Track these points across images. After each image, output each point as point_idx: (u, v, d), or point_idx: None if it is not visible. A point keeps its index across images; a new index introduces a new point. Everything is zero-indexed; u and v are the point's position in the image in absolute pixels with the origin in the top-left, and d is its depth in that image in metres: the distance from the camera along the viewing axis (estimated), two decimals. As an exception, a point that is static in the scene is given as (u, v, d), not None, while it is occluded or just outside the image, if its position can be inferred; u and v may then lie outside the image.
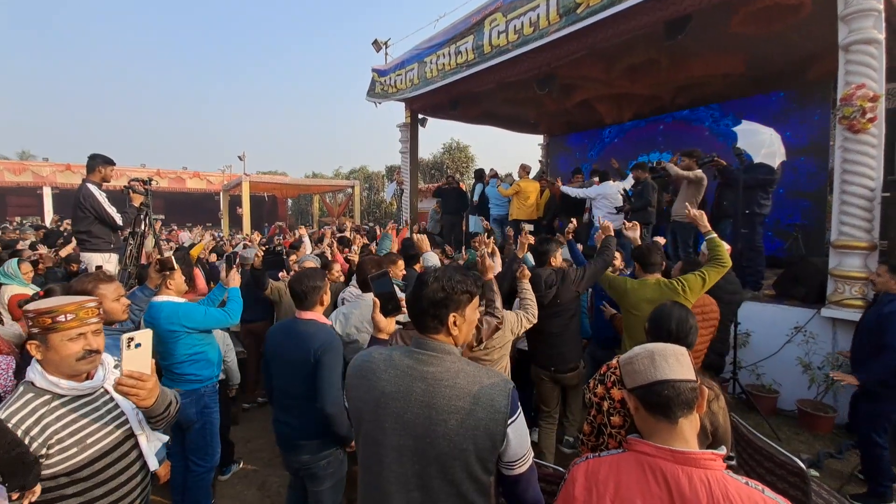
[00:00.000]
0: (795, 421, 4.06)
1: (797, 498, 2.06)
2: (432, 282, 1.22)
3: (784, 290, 4.62)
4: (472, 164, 25.75)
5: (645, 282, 2.93)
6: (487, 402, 1.13)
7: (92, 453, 1.32)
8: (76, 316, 1.31)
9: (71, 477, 1.27)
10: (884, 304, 2.91)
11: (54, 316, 1.28)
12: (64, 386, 1.31)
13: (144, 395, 1.30)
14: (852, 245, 3.83)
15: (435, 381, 1.16)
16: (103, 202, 4.02)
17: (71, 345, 1.30)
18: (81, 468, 1.29)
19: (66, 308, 1.29)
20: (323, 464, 2.07)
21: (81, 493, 1.29)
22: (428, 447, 1.13)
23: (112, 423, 1.39)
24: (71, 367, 1.32)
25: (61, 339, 1.29)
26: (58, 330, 1.28)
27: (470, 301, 1.27)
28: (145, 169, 23.57)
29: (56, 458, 1.25)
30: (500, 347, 2.67)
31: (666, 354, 1.02)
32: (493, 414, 1.12)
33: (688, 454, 0.93)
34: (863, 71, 3.75)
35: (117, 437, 1.39)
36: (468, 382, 1.16)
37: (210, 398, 2.67)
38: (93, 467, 1.31)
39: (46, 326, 1.28)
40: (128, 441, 1.42)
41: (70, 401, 1.33)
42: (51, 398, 1.30)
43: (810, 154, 6.64)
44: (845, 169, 3.87)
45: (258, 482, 3.21)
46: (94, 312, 1.36)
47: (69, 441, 1.28)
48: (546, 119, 9.87)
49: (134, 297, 2.40)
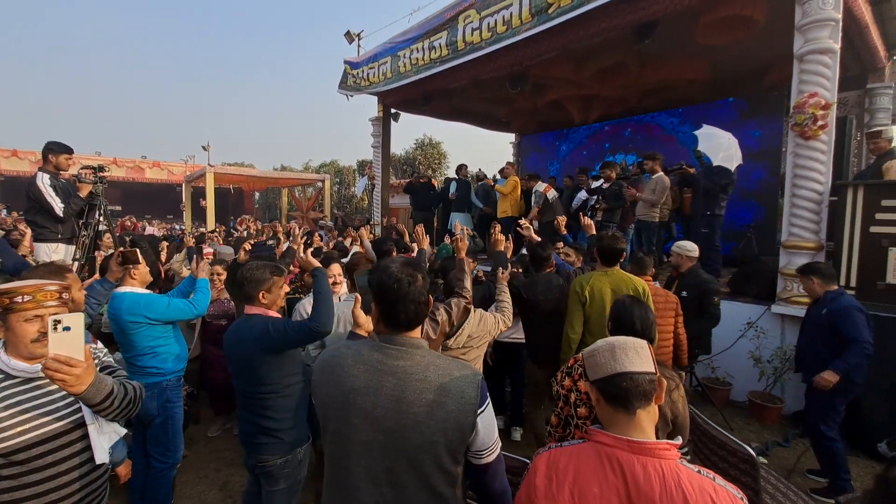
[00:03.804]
0: (746, 412, 4.29)
1: (748, 483, 2.18)
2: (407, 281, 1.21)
3: (738, 288, 4.86)
4: (445, 161, 25.73)
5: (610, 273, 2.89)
6: (458, 394, 1.14)
7: (31, 437, 1.28)
8: (33, 298, 1.33)
9: (7, 458, 1.25)
10: (829, 301, 3.01)
11: (12, 297, 1.31)
12: (14, 366, 1.33)
13: (72, 382, 1.23)
14: (801, 245, 4.07)
15: (405, 374, 1.16)
16: (44, 191, 3.84)
17: (27, 326, 1.32)
18: (17, 451, 1.27)
19: (23, 290, 1.32)
20: (279, 463, 2.03)
21: (15, 476, 1.27)
22: (398, 441, 1.13)
23: (62, 409, 1.36)
24: (26, 347, 1.33)
25: (18, 319, 1.32)
26: (14, 311, 1.31)
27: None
28: (100, 157, 22.38)
29: None
30: (477, 347, 2.69)
31: (626, 347, 1.06)
32: (462, 405, 1.14)
33: (644, 444, 0.97)
34: (816, 80, 3.95)
35: (65, 425, 1.36)
36: (438, 375, 1.16)
37: (173, 392, 2.57)
38: (30, 452, 1.28)
39: (5, 306, 1.31)
40: (77, 430, 1.38)
41: (21, 382, 1.33)
42: (3, 378, 1.32)
43: (764, 158, 7.01)
44: (796, 174, 4.09)
45: (220, 482, 3.13)
46: (52, 296, 1.37)
47: (8, 422, 1.26)
48: (517, 117, 9.99)
49: (92, 289, 2.29)
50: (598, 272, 2.91)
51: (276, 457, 2.02)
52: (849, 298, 3.02)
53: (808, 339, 3.21)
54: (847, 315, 2.90)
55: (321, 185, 20.12)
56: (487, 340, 2.77)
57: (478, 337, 2.67)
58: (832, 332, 2.95)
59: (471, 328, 2.64)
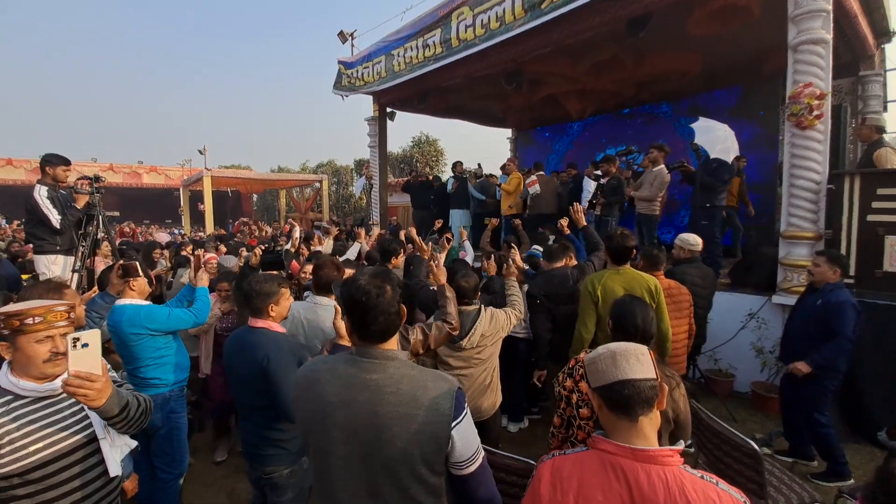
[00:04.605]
0: (749, 402, 4.30)
1: (752, 478, 2.20)
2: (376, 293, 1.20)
3: (738, 279, 4.87)
4: (442, 158, 25.67)
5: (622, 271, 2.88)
6: (431, 407, 1.14)
7: (46, 455, 1.30)
8: (44, 319, 1.34)
9: (23, 478, 1.26)
10: (826, 293, 3.02)
11: (22, 318, 1.31)
12: (23, 386, 1.33)
13: (94, 396, 1.29)
14: (800, 235, 4.07)
15: (378, 388, 1.16)
16: (41, 203, 3.85)
17: (38, 347, 1.33)
18: (33, 469, 1.28)
19: (34, 311, 1.33)
20: (286, 473, 2.02)
21: (32, 494, 1.28)
22: (375, 454, 1.14)
23: (74, 426, 1.38)
24: (38, 368, 1.34)
25: (28, 340, 1.33)
26: (25, 332, 1.32)
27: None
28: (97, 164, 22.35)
29: (7, 459, 1.24)
30: (491, 345, 2.71)
31: (628, 355, 1.06)
32: (436, 417, 1.13)
33: (647, 452, 0.97)
34: (810, 70, 3.95)
35: (78, 441, 1.38)
36: (412, 387, 1.16)
37: (176, 402, 2.58)
38: (45, 469, 1.30)
39: (15, 328, 1.31)
40: (90, 445, 1.41)
41: (31, 402, 1.34)
42: (12, 399, 1.32)
43: (761, 148, 7.00)
44: (793, 164, 4.09)
45: (226, 489, 3.14)
46: (62, 316, 1.39)
47: (22, 442, 1.27)
48: (513, 113, 9.97)
49: (93, 304, 2.29)
50: (609, 271, 2.91)
51: (283, 467, 2.01)
52: (846, 294, 3.03)
53: (798, 327, 3.23)
54: (841, 311, 2.93)
55: (319, 185, 20.08)
56: (501, 337, 2.78)
57: (491, 335, 2.69)
58: (824, 323, 2.98)
59: (483, 327, 2.65)
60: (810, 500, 2.30)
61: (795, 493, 2.32)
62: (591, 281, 2.88)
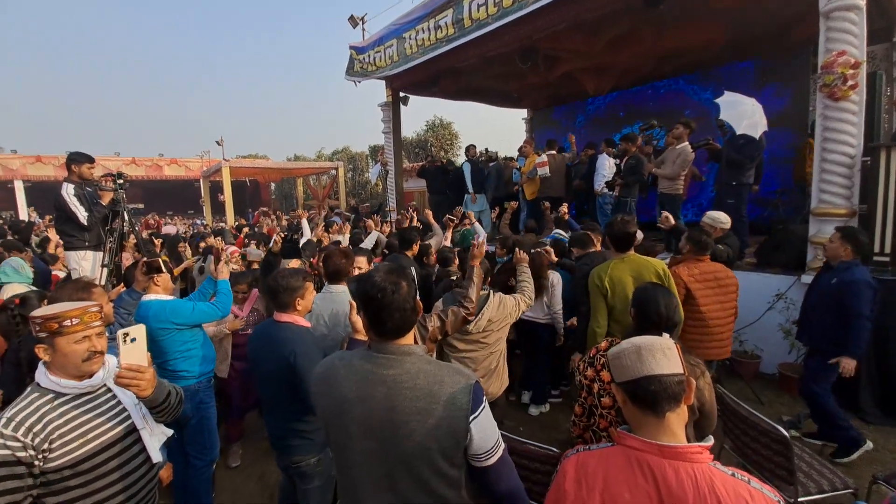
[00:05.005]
0: (776, 384, 4.21)
1: (781, 464, 2.16)
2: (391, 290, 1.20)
3: (765, 258, 4.72)
4: (457, 141, 25.41)
5: (627, 258, 2.81)
6: (449, 401, 1.14)
7: (93, 447, 1.37)
8: (81, 320, 1.39)
9: (74, 469, 1.33)
10: (841, 272, 2.94)
11: (60, 321, 1.36)
12: (64, 385, 1.38)
13: (144, 386, 1.41)
14: (832, 212, 3.90)
15: (395, 383, 1.17)
16: (68, 201, 3.98)
17: (77, 347, 1.38)
18: (83, 461, 1.35)
19: (71, 313, 1.37)
20: (313, 462, 2.07)
21: (84, 484, 1.35)
22: (393, 449, 1.15)
23: (114, 418, 1.45)
24: (77, 367, 1.39)
25: (68, 342, 1.37)
26: (64, 334, 1.36)
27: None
28: (120, 157, 22.83)
29: (58, 452, 1.31)
30: (498, 331, 2.71)
31: (653, 349, 1.03)
32: (454, 412, 1.14)
33: (675, 449, 0.95)
34: (844, 38, 3.73)
35: (119, 432, 1.45)
36: (428, 382, 1.16)
37: (205, 394, 2.67)
38: (94, 460, 1.37)
39: (53, 331, 1.35)
40: (130, 436, 1.48)
41: (72, 399, 1.40)
42: (54, 397, 1.38)
43: (790, 121, 6.68)
44: (825, 137, 3.90)
45: (257, 475, 3.25)
46: (97, 316, 1.44)
47: (71, 436, 1.34)
48: (529, 93, 9.74)
49: (121, 300, 2.35)
50: (614, 260, 2.82)
51: (310, 456, 2.06)
52: (861, 271, 2.92)
53: (813, 306, 3.16)
54: (856, 289, 2.84)
55: (335, 172, 20.18)
56: (509, 323, 2.77)
57: (498, 321, 2.68)
58: (839, 302, 2.90)
59: (490, 313, 2.64)
60: (842, 485, 2.25)
61: (826, 479, 2.27)
62: (597, 273, 2.79)
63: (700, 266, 3.14)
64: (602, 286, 2.74)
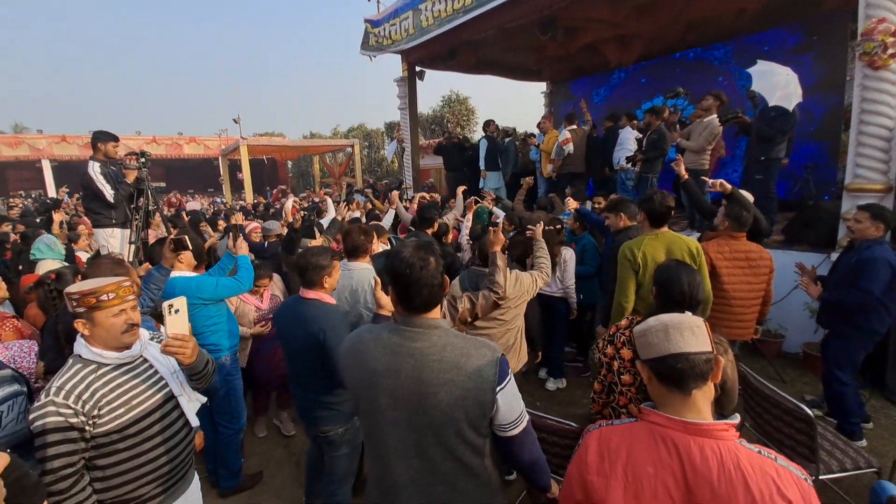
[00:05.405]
0: (800, 363, 4.15)
1: (803, 442, 2.14)
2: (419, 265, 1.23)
3: (794, 235, 4.57)
4: (473, 117, 24.99)
5: (660, 235, 2.73)
6: (475, 373, 1.17)
7: (138, 413, 1.45)
8: (117, 294, 1.44)
9: (122, 434, 1.42)
10: (862, 250, 2.86)
11: (98, 296, 1.41)
12: (107, 356, 1.45)
13: (189, 354, 1.50)
14: (867, 188, 3.74)
15: (423, 356, 1.20)
16: (95, 179, 4.05)
17: (115, 320, 1.44)
18: (130, 426, 1.44)
19: (107, 288, 1.43)
20: (340, 431, 2.14)
21: (131, 447, 1.44)
22: (421, 419, 1.19)
23: (154, 386, 1.53)
24: (117, 339, 1.46)
25: (106, 315, 1.43)
26: (102, 308, 1.42)
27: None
28: (141, 136, 23.19)
29: (107, 418, 1.40)
30: (515, 307, 2.71)
31: (681, 327, 1.01)
32: (480, 383, 1.17)
33: (700, 425, 0.94)
34: (885, 3, 3.53)
35: (159, 399, 1.53)
36: (455, 355, 1.19)
37: (231, 366, 2.78)
38: (139, 425, 1.46)
39: (91, 306, 1.41)
40: (169, 402, 1.56)
41: (114, 369, 1.47)
42: (97, 367, 1.44)
43: (824, 91, 6.34)
44: (863, 108, 3.71)
45: (284, 441, 3.38)
46: (130, 290, 1.50)
47: (117, 402, 1.42)
48: (549, 65, 9.44)
49: (150, 276, 2.42)
50: (648, 235, 2.74)
51: (338, 426, 2.14)
52: (884, 250, 2.81)
53: (834, 286, 3.05)
54: (873, 267, 2.76)
55: (351, 150, 20.13)
56: (526, 300, 2.77)
57: (515, 297, 2.68)
58: (855, 280, 2.83)
59: (507, 290, 2.64)
60: (865, 464, 2.23)
61: (850, 458, 2.25)
62: (630, 248, 2.72)
63: (732, 244, 3.03)
64: (634, 261, 2.68)
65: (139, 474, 1.47)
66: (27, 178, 22.53)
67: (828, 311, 3.12)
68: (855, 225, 2.97)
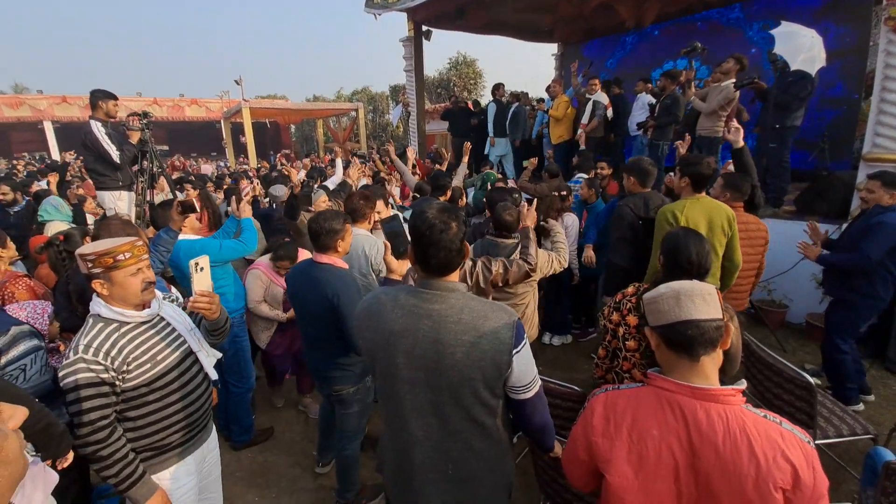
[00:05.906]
0: (802, 333, 4.18)
1: (803, 409, 2.18)
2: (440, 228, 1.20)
3: (806, 206, 4.50)
4: (481, 80, 24.30)
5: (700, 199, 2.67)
6: (492, 336, 1.18)
7: (162, 367, 1.52)
8: (132, 253, 1.47)
9: (150, 387, 1.50)
10: (871, 216, 2.83)
11: (114, 256, 1.43)
12: (128, 314, 1.50)
13: (214, 309, 1.58)
14: (885, 158, 3.65)
15: (441, 317, 1.21)
16: (101, 139, 3.94)
17: (133, 279, 1.47)
18: (157, 379, 1.51)
19: (122, 248, 1.45)
20: (352, 391, 2.21)
21: (159, 399, 1.53)
22: (438, 378, 1.21)
23: (173, 342, 1.59)
24: (137, 296, 1.50)
25: (124, 275, 1.46)
26: (119, 268, 1.44)
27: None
28: (141, 98, 22.77)
29: (136, 373, 1.46)
30: (525, 282, 2.71)
31: (692, 294, 1.01)
32: (497, 345, 1.18)
33: (707, 390, 0.95)
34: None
35: (179, 355, 1.59)
36: (473, 318, 1.20)
37: (238, 328, 2.83)
38: (164, 379, 1.53)
39: (109, 266, 1.43)
40: (189, 358, 1.63)
41: (135, 327, 1.52)
42: (119, 325, 1.48)
43: (845, 57, 6.07)
44: (886, 75, 3.58)
45: (294, 400, 3.48)
46: (144, 249, 1.53)
47: (143, 358, 1.48)
48: (561, 26, 9.07)
49: (159, 238, 2.43)
50: (689, 199, 2.67)
51: (349, 386, 2.20)
52: (893, 216, 2.76)
53: (836, 249, 3.05)
54: (878, 230, 2.73)
55: (355, 114, 19.74)
56: (537, 278, 2.77)
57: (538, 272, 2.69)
58: (858, 243, 2.81)
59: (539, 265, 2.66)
60: (862, 430, 2.27)
61: (847, 425, 2.30)
62: (672, 210, 2.67)
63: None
64: (676, 225, 2.59)
65: (167, 424, 1.55)
66: (29, 139, 22.36)
67: (830, 276, 3.12)
68: (867, 195, 2.91)
